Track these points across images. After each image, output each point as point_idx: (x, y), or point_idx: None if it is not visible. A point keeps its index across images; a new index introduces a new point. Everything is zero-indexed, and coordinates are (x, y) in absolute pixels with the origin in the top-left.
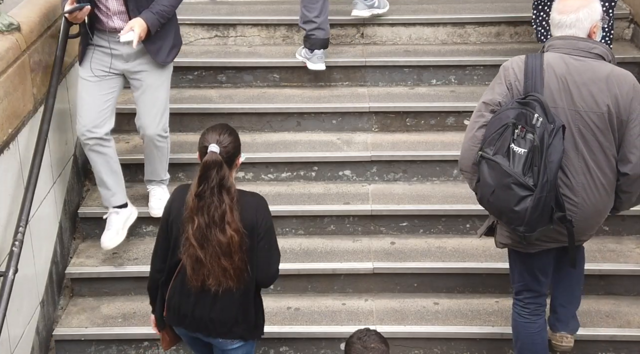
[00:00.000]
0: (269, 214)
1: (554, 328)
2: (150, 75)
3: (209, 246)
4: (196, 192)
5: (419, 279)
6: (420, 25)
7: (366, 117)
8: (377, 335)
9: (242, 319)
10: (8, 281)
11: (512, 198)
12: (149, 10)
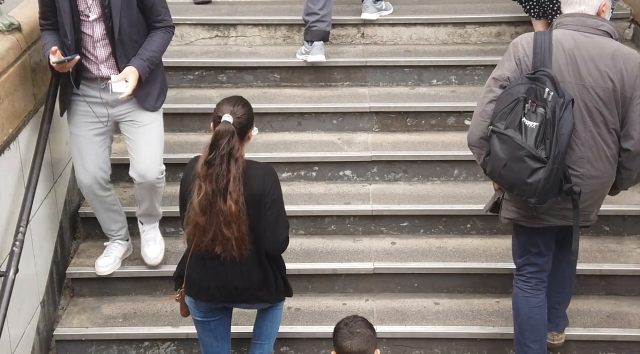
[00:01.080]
0: (278, 184)
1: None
2: (141, 115)
3: (212, 213)
4: (206, 159)
5: (420, 280)
6: (420, 25)
7: (367, 117)
8: (364, 321)
9: (263, 284)
10: (8, 281)
11: (525, 170)
12: (139, 57)
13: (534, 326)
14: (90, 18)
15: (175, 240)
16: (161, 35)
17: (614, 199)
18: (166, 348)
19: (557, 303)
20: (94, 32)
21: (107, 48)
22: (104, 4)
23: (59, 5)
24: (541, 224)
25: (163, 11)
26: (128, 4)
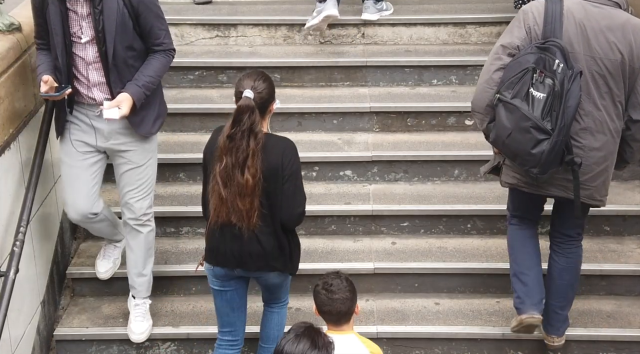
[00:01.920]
0: (297, 158)
1: (546, 330)
2: (136, 153)
3: (231, 185)
4: (228, 133)
5: (420, 280)
6: (421, 25)
7: (367, 117)
8: (342, 282)
9: (278, 254)
10: (9, 281)
11: (530, 141)
12: (134, 83)
13: (527, 254)
14: (83, 40)
15: (175, 240)
16: (160, 60)
17: (614, 199)
18: (166, 348)
19: (559, 308)
20: (86, 55)
21: (100, 71)
22: (98, 27)
23: (51, 26)
24: (541, 192)
25: (162, 34)
26: (123, 28)
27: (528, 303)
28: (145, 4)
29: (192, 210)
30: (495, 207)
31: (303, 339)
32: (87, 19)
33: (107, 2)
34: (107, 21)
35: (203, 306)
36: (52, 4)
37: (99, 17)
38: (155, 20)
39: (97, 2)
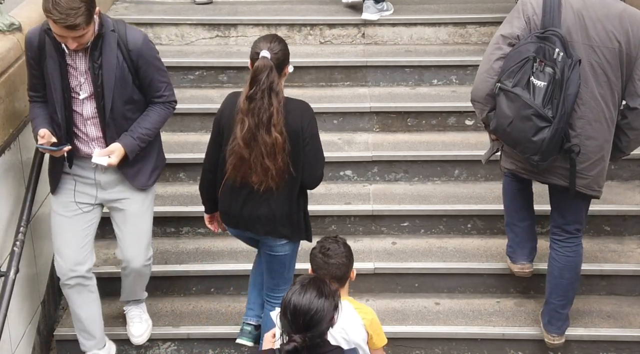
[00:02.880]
0: (315, 120)
1: (547, 329)
2: (132, 202)
3: (255, 146)
4: (247, 94)
5: (420, 280)
6: (421, 25)
7: (367, 117)
8: (339, 246)
9: (287, 220)
10: (9, 281)
11: (531, 129)
12: (129, 134)
13: (518, 207)
14: (81, 96)
15: (175, 240)
16: (159, 112)
17: (614, 199)
18: (166, 348)
19: (560, 307)
20: (83, 110)
21: (98, 126)
22: (96, 83)
23: (49, 81)
24: (539, 180)
25: (163, 86)
26: (123, 82)
27: (519, 253)
28: (145, 58)
29: (193, 210)
30: (495, 207)
31: (309, 289)
32: (85, 74)
33: (107, 57)
34: (106, 76)
35: (203, 306)
36: (51, 58)
37: (98, 72)
38: (156, 73)
39: (96, 56)
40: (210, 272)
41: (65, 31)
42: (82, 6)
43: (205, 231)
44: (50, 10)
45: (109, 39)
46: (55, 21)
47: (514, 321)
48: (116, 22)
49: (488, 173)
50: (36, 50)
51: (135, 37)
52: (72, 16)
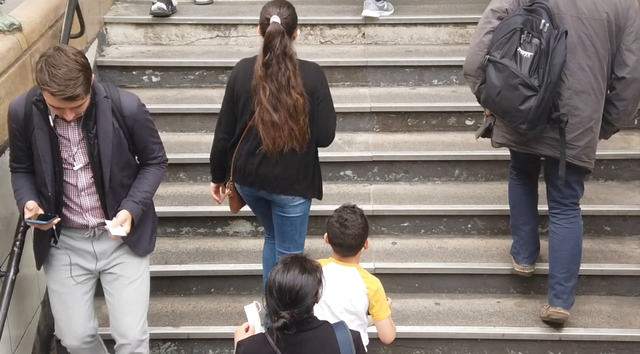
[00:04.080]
0: (326, 80)
1: (552, 303)
2: (128, 266)
3: (282, 109)
4: (263, 61)
5: (420, 280)
6: (421, 25)
7: (367, 117)
8: (356, 217)
9: (302, 178)
10: (9, 281)
11: (518, 98)
12: (131, 199)
13: (522, 211)
14: (75, 167)
15: (175, 240)
16: (154, 173)
17: (615, 199)
18: (166, 348)
19: (563, 280)
20: (78, 182)
21: (94, 196)
22: (93, 153)
23: (38, 153)
24: (529, 151)
25: (157, 148)
26: (119, 150)
27: (521, 256)
28: (141, 122)
29: (193, 210)
30: (495, 207)
31: (292, 267)
32: (79, 144)
33: (102, 125)
34: (103, 145)
35: (203, 306)
36: (40, 129)
37: (94, 142)
38: (149, 136)
39: (90, 126)
40: (210, 272)
41: (63, 103)
42: (80, 75)
43: (205, 231)
44: (48, 82)
45: (103, 106)
46: (54, 93)
47: (514, 321)
48: (107, 86)
49: (488, 173)
50: (22, 122)
51: (129, 102)
52: (71, 87)
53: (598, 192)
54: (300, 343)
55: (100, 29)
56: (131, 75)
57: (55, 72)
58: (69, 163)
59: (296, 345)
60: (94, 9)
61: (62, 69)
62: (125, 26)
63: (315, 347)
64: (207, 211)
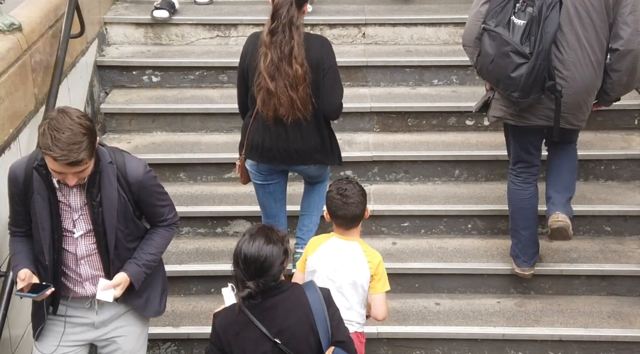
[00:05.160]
0: (333, 53)
1: (550, 211)
2: (128, 340)
3: (279, 78)
4: (270, 28)
5: (421, 280)
6: (421, 25)
7: (368, 117)
8: (355, 186)
9: (320, 147)
10: (9, 281)
11: (510, 65)
12: (134, 262)
13: (522, 216)
14: (76, 235)
15: (175, 240)
16: (163, 234)
17: (615, 199)
18: (166, 348)
19: (560, 189)
20: (77, 250)
21: (95, 264)
22: (97, 220)
23: (36, 219)
24: (525, 123)
25: (166, 211)
26: (124, 217)
27: (521, 259)
28: (147, 188)
29: (193, 210)
30: (496, 208)
31: (257, 237)
32: (80, 210)
33: (106, 191)
34: (107, 213)
35: (203, 306)
36: (39, 194)
37: (98, 210)
38: (157, 201)
39: (95, 194)
40: (210, 272)
41: (66, 168)
42: (84, 139)
43: (205, 231)
44: (50, 147)
45: (107, 172)
46: (56, 158)
47: (514, 321)
48: (112, 151)
49: (488, 173)
50: (21, 186)
51: (135, 168)
52: (74, 151)
53: (598, 193)
54: (272, 307)
55: (101, 28)
56: (131, 75)
57: (58, 136)
58: (69, 231)
59: (268, 309)
60: (94, 9)
61: (66, 132)
62: (125, 26)
63: (287, 308)
64: (207, 211)
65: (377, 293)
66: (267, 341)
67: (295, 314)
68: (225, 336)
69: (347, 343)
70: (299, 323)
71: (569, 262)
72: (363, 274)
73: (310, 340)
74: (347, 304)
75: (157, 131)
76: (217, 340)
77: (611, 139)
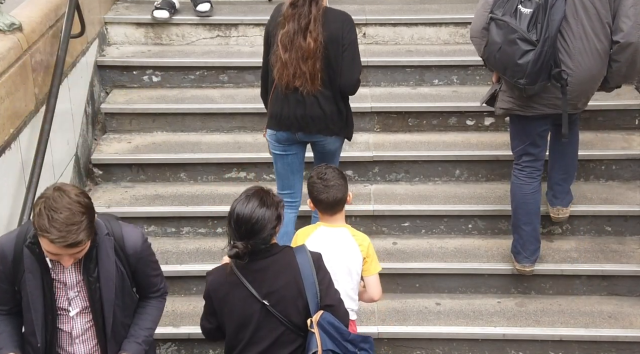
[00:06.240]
0: (354, 29)
1: (551, 203)
2: None
3: (293, 50)
4: (292, 1)
5: (421, 280)
6: (422, 25)
7: (368, 117)
8: (335, 171)
9: (336, 118)
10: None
11: (517, 52)
12: (134, 340)
13: (525, 211)
14: (71, 313)
15: (176, 240)
16: (156, 306)
17: (616, 199)
18: (167, 348)
19: (561, 180)
20: (73, 329)
21: (90, 342)
22: (94, 298)
23: (27, 300)
24: (533, 113)
25: (158, 280)
26: (122, 290)
27: (522, 255)
28: (145, 259)
29: (193, 210)
30: (496, 208)
31: (252, 199)
32: (76, 287)
33: (104, 266)
34: (105, 288)
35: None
36: (31, 273)
37: (95, 286)
38: (152, 270)
39: (92, 269)
40: None
41: (63, 250)
42: (83, 219)
43: (206, 231)
44: (47, 229)
45: (105, 245)
46: (53, 241)
47: (515, 321)
48: (108, 220)
49: (489, 173)
50: (10, 264)
51: (134, 240)
52: (73, 233)
53: (599, 193)
54: (262, 269)
55: (101, 28)
56: (131, 75)
57: (55, 217)
58: (64, 309)
59: (258, 271)
60: (95, 9)
61: (64, 213)
62: (125, 26)
63: (276, 270)
64: (208, 211)
65: (370, 275)
66: (255, 302)
67: (284, 277)
68: (215, 295)
69: (336, 307)
70: (287, 285)
71: (570, 262)
72: (356, 259)
73: (298, 303)
74: (340, 291)
75: (157, 130)
76: (208, 298)
77: (612, 139)
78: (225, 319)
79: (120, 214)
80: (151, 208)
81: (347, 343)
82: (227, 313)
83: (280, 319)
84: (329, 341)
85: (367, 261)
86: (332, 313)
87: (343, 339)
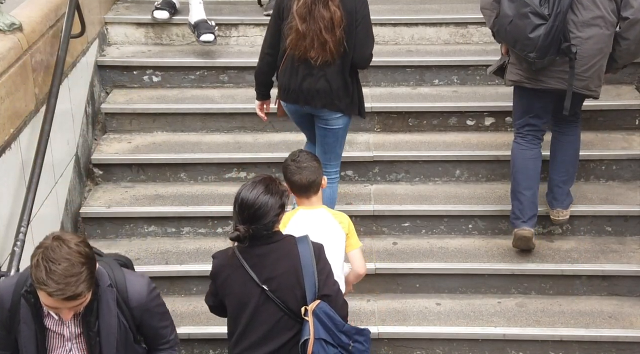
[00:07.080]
0: (367, 4)
1: (551, 205)
2: None
3: (311, 20)
4: None
5: (421, 280)
6: (422, 25)
7: (368, 117)
8: (308, 154)
9: (343, 94)
10: None
11: (528, 26)
12: None
13: (527, 175)
14: None
15: (176, 240)
16: None
17: (616, 199)
18: None
19: (561, 182)
20: None
21: None
22: (94, 352)
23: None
24: (541, 86)
25: (168, 332)
26: (125, 344)
27: (521, 220)
28: (150, 310)
29: (193, 210)
30: (496, 208)
31: (258, 185)
32: (75, 340)
33: (105, 320)
34: (106, 343)
35: (204, 306)
36: (25, 324)
37: (95, 341)
38: (160, 321)
39: (92, 323)
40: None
41: (61, 303)
42: (83, 270)
43: (206, 231)
44: (45, 281)
45: (107, 297)
46: (51, 294)
47: (515, 321)
48: (111, 268)
49: (489, 173)
50: (7, 312)
51: (138, 291)
52: (72, 285)
53: (599, 193)
54: (263, 254)
55: (101, 28)
56: (132, 75)
57: (54, 269)
58: None
59: (259, 256)
60: (95, 9)
61: (63, 264)
62: (126, 26)
63: (276, 257)
64: (208, 211)
65: (353, 249)
66: (255, 286)
67: (284, 264)
68: (218, 277)
69: (333, 297)
70: (286, 273)
71: (570, 263)
72: (339, 237)
73: (296, 292)
74: None
75: (157, 130)
76: (212, 279)
77: (612, 139)
78: (227, 300)
79: (120, 214)
80: (151, 208)
81: (342, 334)
82: (228, 295)
83: (279, 305)
84: (322, 331)
85: (348, 237)
86: (329, 304)
87: (337, 329)
